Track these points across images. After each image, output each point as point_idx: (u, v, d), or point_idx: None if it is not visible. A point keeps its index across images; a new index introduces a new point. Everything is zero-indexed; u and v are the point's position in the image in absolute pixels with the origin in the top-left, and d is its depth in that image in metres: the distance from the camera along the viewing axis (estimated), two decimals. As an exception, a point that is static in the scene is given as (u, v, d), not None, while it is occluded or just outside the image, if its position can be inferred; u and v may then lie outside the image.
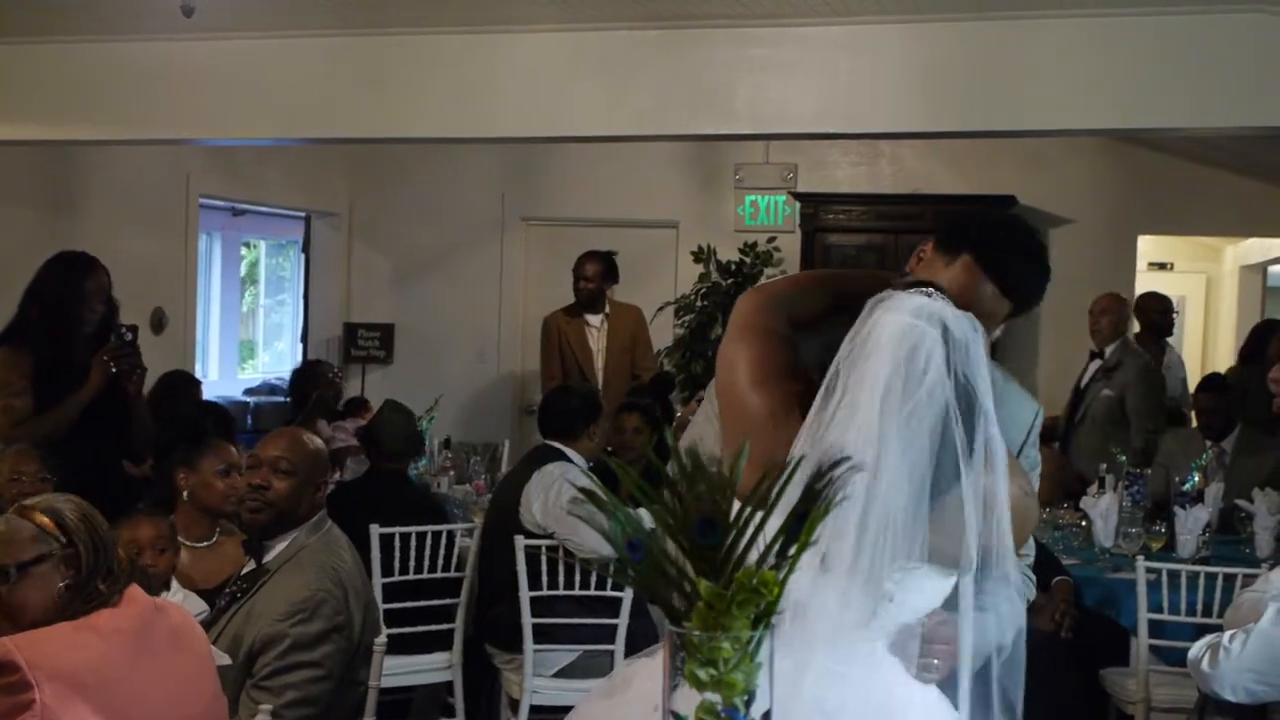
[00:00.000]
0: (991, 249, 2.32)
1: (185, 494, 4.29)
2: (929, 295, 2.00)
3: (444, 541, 5.11)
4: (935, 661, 2.07)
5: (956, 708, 2.03)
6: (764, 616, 1.43)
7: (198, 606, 3.69)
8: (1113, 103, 4.98)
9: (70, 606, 2.69)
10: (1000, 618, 2.10)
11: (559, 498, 4.83)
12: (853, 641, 1.99)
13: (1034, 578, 2.43)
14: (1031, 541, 2.43)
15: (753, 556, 1.46)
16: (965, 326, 1.97)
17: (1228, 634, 3.42)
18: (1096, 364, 7.25)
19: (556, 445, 5.20)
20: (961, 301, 2.11)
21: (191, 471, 4.33)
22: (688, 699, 1.45)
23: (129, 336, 5.13)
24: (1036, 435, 2.43)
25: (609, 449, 5.58)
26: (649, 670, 1.92)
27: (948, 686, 2.07)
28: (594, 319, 7.77)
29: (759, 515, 1.47)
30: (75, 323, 5.06)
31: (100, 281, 5.12)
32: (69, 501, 2.80)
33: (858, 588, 1.89)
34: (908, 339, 1.93)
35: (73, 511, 2.76)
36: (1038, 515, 2.24)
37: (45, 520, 2.72)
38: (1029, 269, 2.35)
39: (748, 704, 1.43)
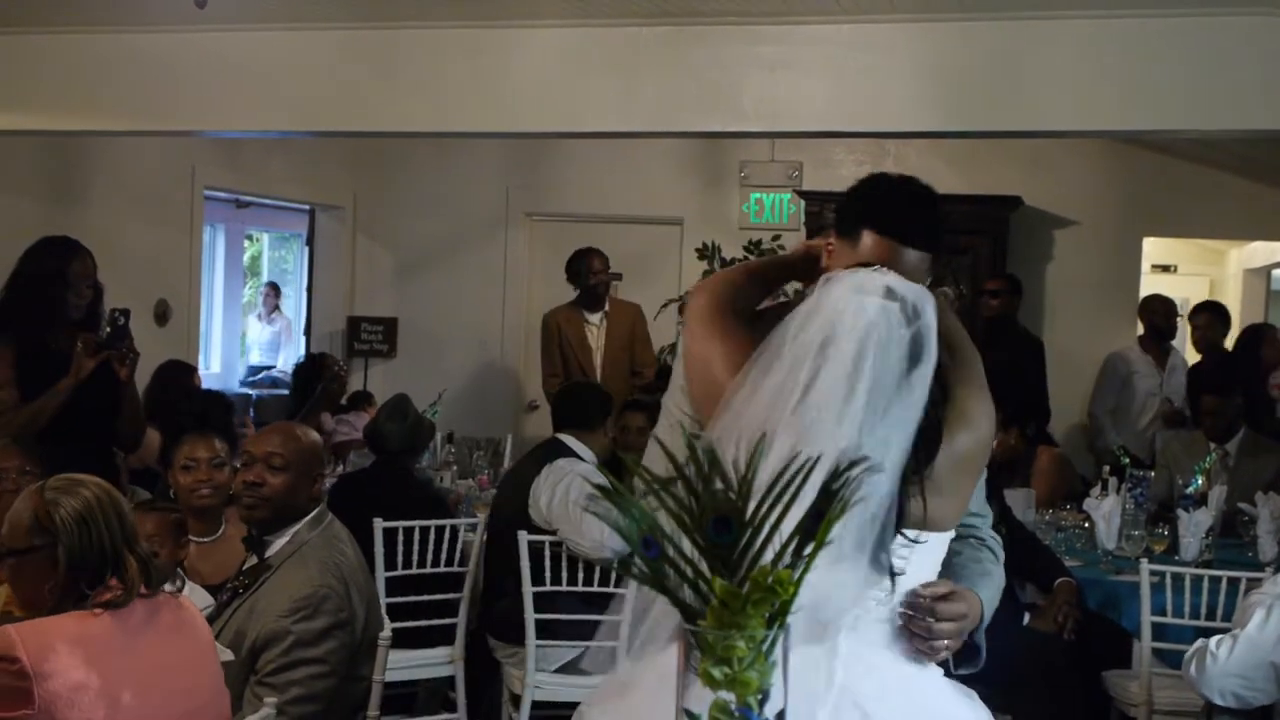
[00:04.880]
0: (880, 211, 2.31)
1: (172, 490, 4.28)
2: (876, 270, 2.01)
3: (447, 536, 5.10)
4: (946, 642, 2.07)
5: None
6: (779, 615, 1.43)
7: (203, 600, 3.69)
8: (1120, 104, 4.97)
9: (64, 603, 2.67)
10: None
11: (566, 494, 4.83)
12: (870, 624, 2.02)
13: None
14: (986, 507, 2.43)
15: (768, 555, 1.46)
16: (916, 292, 1.97)
17: (1214, 639, 3.41)
18: None
19: (566, 441, 5.20)
20: None
21: (169, 468, 4.34)
22: (701, 697, 1.45)
23: (121, 320, 4.89)
24: None
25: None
26: (655, 668, 1.92)
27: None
28: (593, 316, 7.76)
29: (774, 514, 1.47)
30: (60, 308, 4.87)
31: (85, 266, 4.91)
32: (81, 495, 2.73)
33: (865, 567, 1.90)
34: (867, 319, 1.92)
35: (70, 509, 2.69)
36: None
37: (43, 512, 2.69)
38: (917, 210, 2.33)
39: (762, 703, 1.43)
